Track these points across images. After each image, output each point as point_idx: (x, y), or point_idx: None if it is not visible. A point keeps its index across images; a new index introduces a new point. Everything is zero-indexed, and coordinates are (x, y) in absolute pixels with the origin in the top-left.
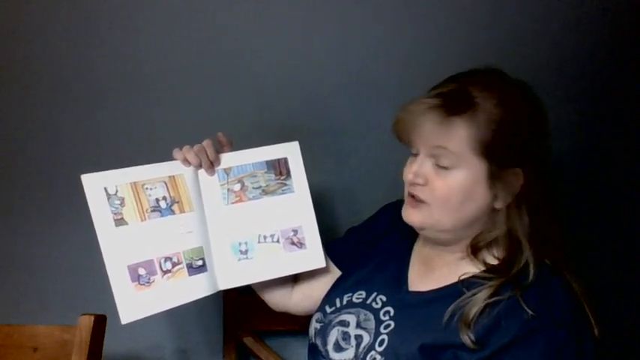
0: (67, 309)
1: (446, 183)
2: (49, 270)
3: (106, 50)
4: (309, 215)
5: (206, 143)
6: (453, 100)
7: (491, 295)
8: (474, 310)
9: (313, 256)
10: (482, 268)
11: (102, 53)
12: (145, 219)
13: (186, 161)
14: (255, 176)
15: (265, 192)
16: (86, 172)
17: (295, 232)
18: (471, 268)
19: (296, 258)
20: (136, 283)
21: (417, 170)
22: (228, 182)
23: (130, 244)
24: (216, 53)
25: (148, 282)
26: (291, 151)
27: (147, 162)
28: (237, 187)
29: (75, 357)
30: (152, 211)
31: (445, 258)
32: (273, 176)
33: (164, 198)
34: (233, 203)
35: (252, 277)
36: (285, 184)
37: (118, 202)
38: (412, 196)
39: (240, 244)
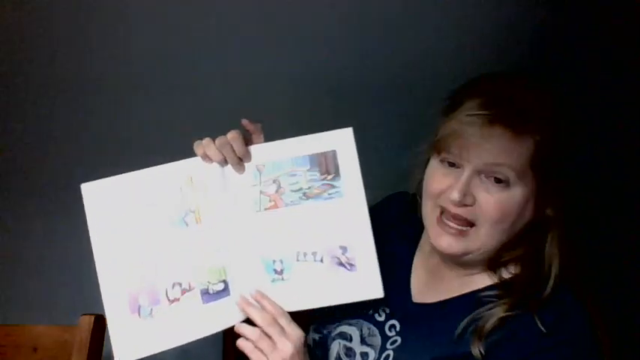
0: (67, 309)
1: (502, 200)
2: (49, 270)
3: (103, 49)
4: (364, 228)
5: (231, 136)
6: (515, 114)
7: (506, 311)
8: (490, 322)
9: (367, 281)
10: (496, 281)
11: (99, 53)
12: (153, 235)
13: (207, 157)
14: (295, 175)
15: (307, 196)
16: (84, 170)
17: (344, 249)
18: (484, 281)
19: (344, 283)
20: (136, 314)
21: (465, 189)
22: (260, 183)
23: (132, 266)
24: (213, 52)
25: (149, 314)
26: (342, 142)
27: (147, 160)
28: (271, 188)
29: (75, 357)
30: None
31: (458, 271)
32: (317, 175)
33: (177, 206)
34: (267, 209)
35: (288, 304)
36: (333, 186)
37: (123, 215)
38: (451, 218)
39: (274, 261)
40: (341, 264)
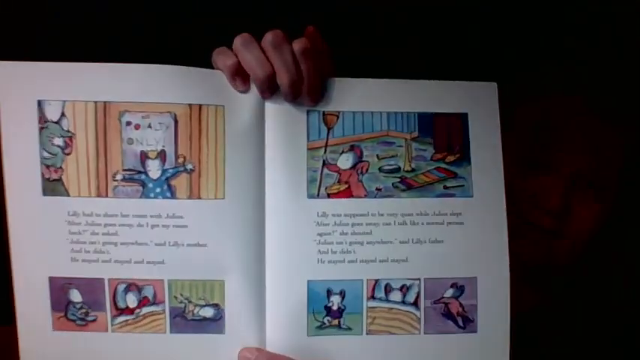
0: None
1: (597, 214)
2: None
3: None
4: (499, 258)
5: (300, 45)
6: (618, 105)
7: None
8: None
9: (487, 348)
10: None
11: None
12: (107, 193)
13: (238, 75)
14: (391, 144)
15: (407, 183)
16: None
17: (460, 289)
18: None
19: (449, 347)
20: (61, 314)
21: (566, 197)
22: (327, 146)
23: (62, 236)
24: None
25: (82, 319)
26: (479, 103)
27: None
28: (346, 159)
29: None
30: (125, 178)
31: None
32: (429, 150)
33: (161, 154)
34: (330, 195)
35: None
36: (456, 176)
37: (62, 141)
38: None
39: (330, 292)
40: (449, 315)
